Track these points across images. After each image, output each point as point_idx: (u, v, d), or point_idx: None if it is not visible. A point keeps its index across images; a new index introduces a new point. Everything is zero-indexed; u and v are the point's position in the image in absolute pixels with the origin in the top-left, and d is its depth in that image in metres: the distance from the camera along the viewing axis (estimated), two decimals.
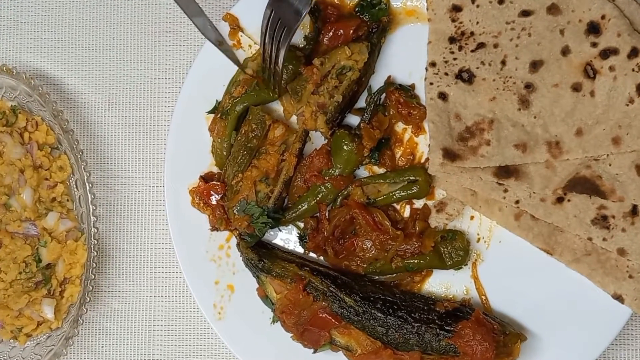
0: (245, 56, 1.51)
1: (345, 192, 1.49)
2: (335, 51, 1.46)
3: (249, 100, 1.49)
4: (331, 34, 1.48)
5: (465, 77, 1.44)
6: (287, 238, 1.54)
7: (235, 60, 1.49)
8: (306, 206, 1.48)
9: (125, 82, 1.64)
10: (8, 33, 1.66)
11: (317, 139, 1.52)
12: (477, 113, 1.43)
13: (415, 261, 1.46)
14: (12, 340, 1.56)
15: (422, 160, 1.50)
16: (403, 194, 1.47)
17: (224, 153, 1.51)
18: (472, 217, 1.49)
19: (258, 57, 1.49)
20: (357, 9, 1.49)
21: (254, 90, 1.48)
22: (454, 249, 1.46)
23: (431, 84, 1.45)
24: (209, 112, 1.52)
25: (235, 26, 1.50)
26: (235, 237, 1.51)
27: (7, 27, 1.66)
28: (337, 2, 1.50)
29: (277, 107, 1.53)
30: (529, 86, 1.42)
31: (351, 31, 1.47)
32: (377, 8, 1.48)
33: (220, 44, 1.47)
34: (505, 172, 1.41)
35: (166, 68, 1.63)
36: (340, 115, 1.49)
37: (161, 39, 1.63)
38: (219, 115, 1.51)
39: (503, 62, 1.43)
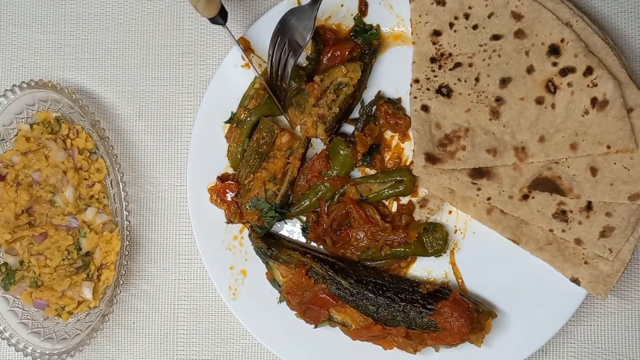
0: (255, 74, 1.54)
1: (342, 190, 1.53)
2: (333, 70, 1.50)
3: (262, 111, 1.53)
4: (330, 54, 1.52)
5: (445, 92, 1.48)
6: (291, 230, 1.58)
7: (257, 72, 1.50)
8: (308, 202, 1.53)
9: (153, 96, 1.67)
10: (53, 54, 1.69)
11: (317, 145, 1.57)
12: (455, 123, 1.47)
13: (402, 249, 1.51)
14: (56, 317, 1.60)
15: (407, 163, 1.54)
16: (391, 191, 1.52)
17: (238, 156, 1.54)
18: (450, 212, 1.53)
19: (266, 73, 1.52)
20: (351, 34, 1.54)
21: (265, 103, 1.53)
22: (435, 239, 1.50)
23: (415, 97, 1.50)
24: (226, 122, 1.56)
25: (248, 48, 1.55)
26: (248, 229, 1.55)
27: (52, 49, 1.69)
28: (334, 28, 1.55)
29: (285, 117, 1.56)
30: (499, 100, 1.46)
31: (347, 53, 1.51)
32: (369, 33, 1.53)
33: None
34: (479, 173, 1.46)
35: (188, 84, 1.65)
36: (337, 124, 1.53)
37: (184, 59, 1.66)
38: (235, 124, 1.54)
39: (477, 79, 1.47)
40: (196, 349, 1.65)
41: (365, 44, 1.54)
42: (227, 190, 1.54)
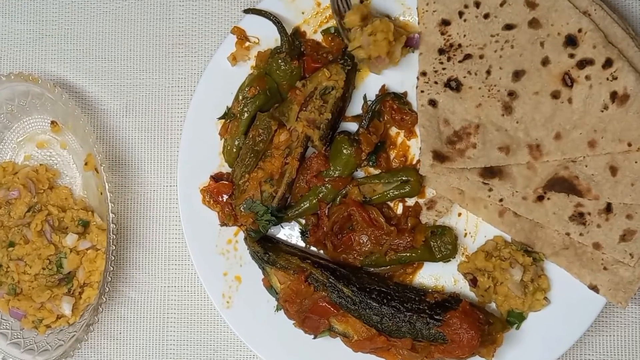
0: (250, 64, 1.53)
1: (344, 192, 1.50)
2: (315, 74, 1.48)
3: (261, 101, 1.50)
4: (309, 66, 1.50)
5: (454, 85, 1.47)
6: (290, 233, 1.56)
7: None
8: (308, 204, 1.51)
9: (141, 90, 1.66)
10: (34, 45, 1.68)
11: None
12: (464, 118, 1.45)
13: (408, 254, 1.49)
14: (33, 329, 1.57)
15: (414, 162, 1.53)
16: (396, 192, 1.50)
17: (234, 150, 1.51)
18: (459, 214, 1.51)
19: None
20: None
21: (264, 93, 1.49)
22: (443, 243, 1.48)
23: (422, 91, 1.48)
24: (220, 118, 1.53)
25: (242, 37, 1.53)
26: (243, 232, 1.53)
27: (33, 40, 1.68)
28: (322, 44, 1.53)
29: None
30: (511, 94, 1.44)
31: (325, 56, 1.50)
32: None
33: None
34: (490, 172, 1.44)
35: (179, 77, 1.64)
36: (332, 132, 1.50)
37: (174, 50, 1.65)
38: (229, 120, 1.52)
39: (488, 72, 1.46)
40: None
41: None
42: (221, 191, 1.52)
